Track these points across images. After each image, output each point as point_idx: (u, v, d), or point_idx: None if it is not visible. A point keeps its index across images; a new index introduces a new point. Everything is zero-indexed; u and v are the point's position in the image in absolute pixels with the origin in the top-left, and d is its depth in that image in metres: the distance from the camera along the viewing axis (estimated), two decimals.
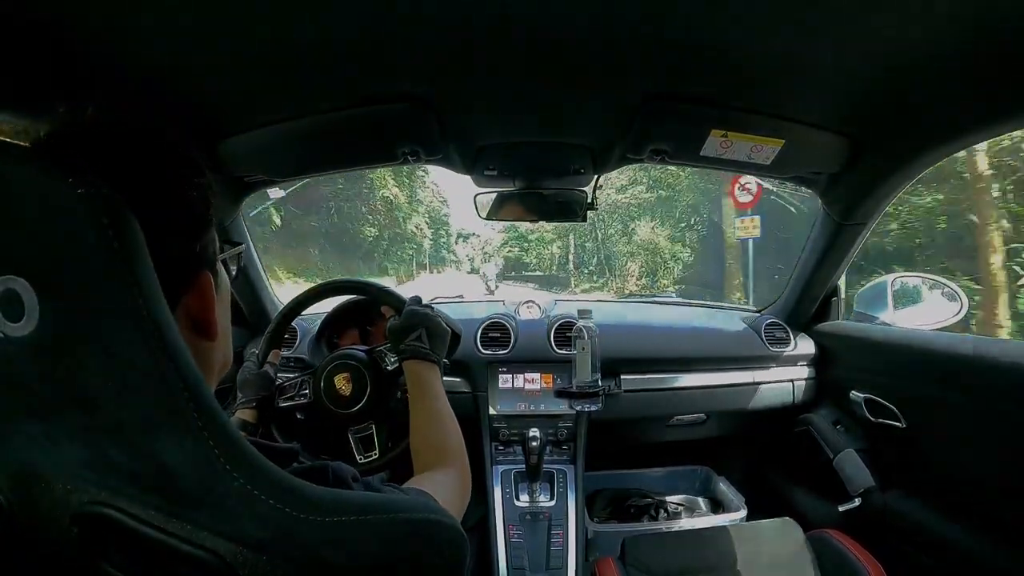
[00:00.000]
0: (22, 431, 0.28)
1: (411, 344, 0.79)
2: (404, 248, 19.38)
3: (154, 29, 0.62)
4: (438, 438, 0.68)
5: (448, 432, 0.69)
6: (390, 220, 17.12)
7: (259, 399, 0.89)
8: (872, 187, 1.01)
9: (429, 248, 22.40)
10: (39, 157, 0.30)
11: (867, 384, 1.16)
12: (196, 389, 0.28)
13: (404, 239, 18.97)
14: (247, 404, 0.88)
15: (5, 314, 0.25)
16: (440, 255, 27.46)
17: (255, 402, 0.89)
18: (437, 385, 0.76)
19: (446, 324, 0.84)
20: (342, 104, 0.85)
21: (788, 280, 1.41)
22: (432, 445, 0.67)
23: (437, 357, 0.79)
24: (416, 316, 0.82)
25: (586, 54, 0.71)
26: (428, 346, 0.79)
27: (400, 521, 0.36)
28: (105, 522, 0.29)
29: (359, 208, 15.82)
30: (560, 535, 1.14)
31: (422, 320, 0.81)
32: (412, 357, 0.78)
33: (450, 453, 0.65)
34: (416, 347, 0.78)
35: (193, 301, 0.38)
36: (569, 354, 1.20)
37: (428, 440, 0.68)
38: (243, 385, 0.91)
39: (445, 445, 0.67)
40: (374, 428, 0.92)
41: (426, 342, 0.79)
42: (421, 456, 0.67)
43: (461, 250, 30.67)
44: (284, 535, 0.30)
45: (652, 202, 11.98)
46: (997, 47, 0.63)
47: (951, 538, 0.96)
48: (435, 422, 0.70)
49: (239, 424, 0.85)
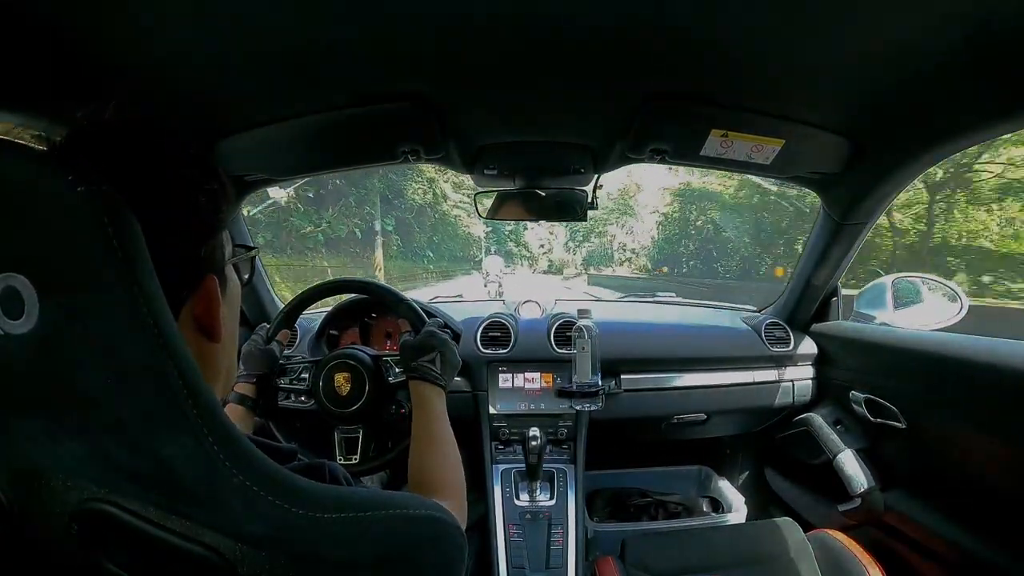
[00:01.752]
0: (22, 429, 0.28)
1: (424, 365, 0.78)
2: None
3: (154, 28, 0.62)
4: (438, 468, 0.67)
5: (448, 461, 0.68)
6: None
7: (260, 375, 0.89)
8: (872, 187, 1.01)
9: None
10: (40, 155, 0.30)
11: (867, 384, 1.16)
12: (195, 387, 0.28)
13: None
14: (247, 379, 0.87)
15: (5, 311, 0.25)
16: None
17: (256, 378, 0.88)
18: (442, 411, 0.75)
19: (452, 335, 0.84)
20: (342, 103, 0.85)
21: (788, 280, 1.41)
22: (430, 474, 0.66)
23: (446, 383, 0.79)
24: (435, 339, 0.81)
25: (586, 53, 0.71)
26: (440, 371, 0.78)
27: (399, 518, 0.36)
28: (105, 519, 0.29)
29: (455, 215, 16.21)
30: (560, 535, 1.14)
31: (440, 345, 0.81)
32: (422, 379, 0.77)
33: (447, 486, 0.64)
34: (429, 370, 0.78)
35: (198, 304, 0.38)
36: (569, 353, 1.20)
37: (427, 467, 0.67)
38: (246, 358, 0.90)
39: (443, 477, 0.66)
40: (361, 433, 0.92)
41: (438, 367, 0.79)
42: (416, 480, 0.66)
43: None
44: (283, 532, 0.30)
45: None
46: (997, 47, 0.63)
47: (951, 538, 0.96)
48: (437, 449, 0.70)
49: (237, 398, 0.84)
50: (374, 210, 11.37)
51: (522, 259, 20.15)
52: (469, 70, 0.76)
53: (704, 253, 14.13)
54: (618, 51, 0.70)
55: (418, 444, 0.70)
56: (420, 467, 0.67)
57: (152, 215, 0.29)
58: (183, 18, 0.60)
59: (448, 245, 17.32)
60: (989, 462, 0.91)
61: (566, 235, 18.81)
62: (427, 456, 0.69)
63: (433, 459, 0.68)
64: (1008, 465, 0.87)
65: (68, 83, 0.70)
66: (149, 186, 0.34)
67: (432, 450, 0.69)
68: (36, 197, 0.26)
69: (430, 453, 0.69)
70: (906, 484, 1.11)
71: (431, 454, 0.69)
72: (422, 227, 14.96)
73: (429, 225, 15.69)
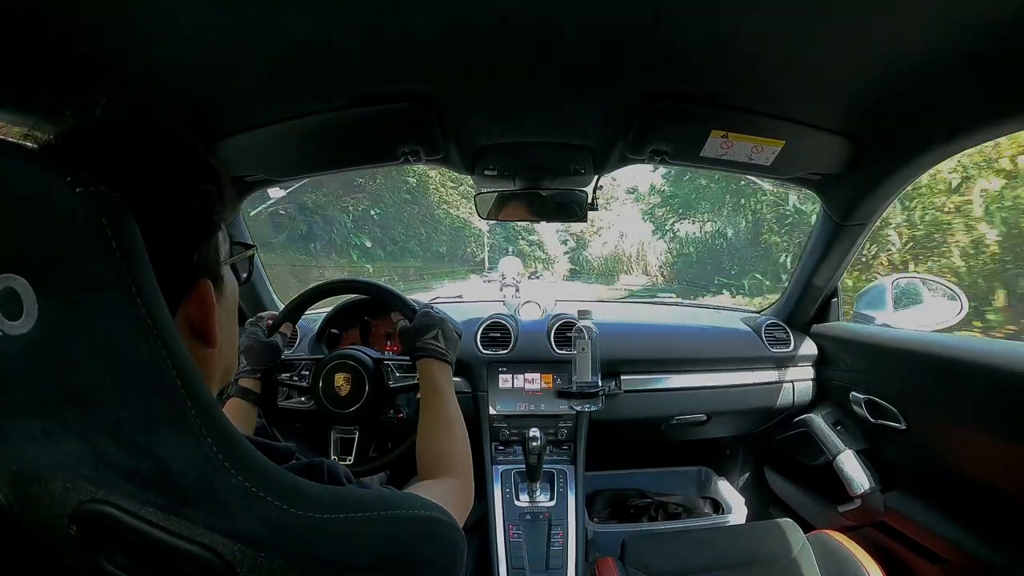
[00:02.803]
0: (20, 429, 0.28)
1: (428, 343, 0.79)
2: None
3: (154, 28, 0.62)
4: (446, 443, 0.68)
5: (456, 438, 0.68)
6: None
7: (264, 370, 0.88)
8: (872, 187, 1.01)
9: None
10: (37, 155, 0.30)
11: (867, 385, 1.16)
12: (194, 387, 0.28)
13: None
14: (251, 374, 0.86)
15: (4, 312, 0.25)
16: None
17: (259, 372, 0.87)
18: (450, 388, 0.76)
19: (454, 329, 0.85)
20: (342, 104, 0.85)
21: (788, 281, 1.41)
22: (439, 449, 0.67)
23: (451, 359, 0.80)
24: (431, 317, 0.82)
25: (586, 54, 0.71)
26: (444, 346, 0.79)
27: (398, 518, 0.36)
28: (104, 520, 0.29)
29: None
30: (560, 535, 1.14)
31: (438, 323, 0.81)
32: (428, 356, 0.78)
33: (456, 461, 0.65)
34: (434, 346, 0.78)
35: (193, 308, 0.37)
36: (569, 354, 1.20)
37: (436, 443, 0.68)
38: (248, 351, 0.88)
39: (452, 452, 0.66)
40: (357, 435, 0.92)
41: (442, 342, 0.79)
42: (425, 459, 0.66)
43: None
44: (282, 532, 0.30)
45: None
46: (997, 47, 0.63)
47: (951, 539, 0.96)
48: (445, 425, 0.70)
49: (240, 392, 0.83)
50: (354, 236, 10.97)
51: (535, 261, 19.40)
52: (469, 71, 0.76)
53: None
54: (618, 52, 0.70)
55: (427, 420, 0.71)
56: (428, 442, 0.68)
57: (143, 216, 0.28)
58: (183, 18, 0.60)
59: (438, 240, 16.13)
60: (989, 462, 0.91)
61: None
62: (436, 432, 0.69)
63: (443, 435, 0.69)
64: (1008, 465, 0.87)
65: (68, 83, 0.70)
66: (139, 187, 0.33)
67: (441, 425, 0.70)
68: (35, 198, 0.26)
69: (439, 429, 0.69)
70: (906, 485, 1.10)
71: (440, 430, 0.69)
72: (406, 226, 13.77)
73: (410, 217, 14.14)
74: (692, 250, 11.14)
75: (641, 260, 14.27)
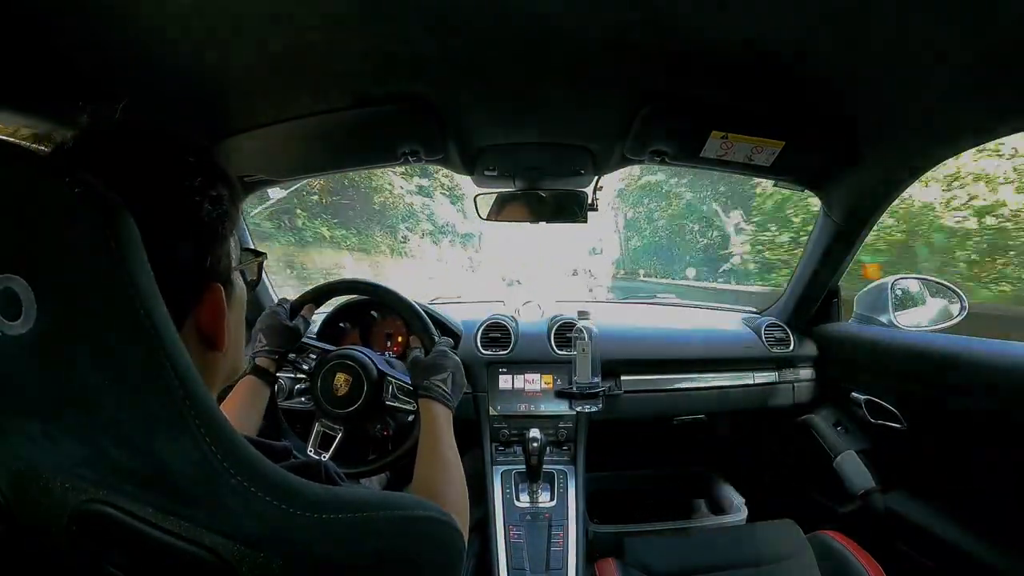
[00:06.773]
0: (20, 430, 0.28)
1: (436, 384, 0.78)
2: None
3: (155, 31, 0.62)
4: (441, 484, 0.67)
5: (451, 481, 0.68)
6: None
7: (282, 352, 0.87)
8: (872, 188, 1.01)
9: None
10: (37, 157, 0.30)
11: (867, 385, 1.16)
12: (193, 388, 0.28)
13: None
14: (269, 354, 0.85)
15: (3, 313, 0.25)
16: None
17: (278, 354, 0.86)
18: (450, 431, 0.75)
19: (453, 336, 0.84)
20: (343, 104, 0.86)
21: (788, 281, 1.41)
22: (434, 491, 0.66)
23: (454, 405, 0.79)
24: (448, 359, 0.82)
25: (586, 55, 0.71)
26: (450, 392, 0.79)
27: (397, 518, 0.36)
28: (104, 520, 0.29)
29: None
30: (560, 536, 1.14)
31: (452, 367, 0.81)
32: (432, 398, 0.77)
33: (447, 503, 0.63)
34: (441, 390, 0.78)
35: (203, 313, 0.37)
36: (569, 355, 1.20)
37: (431, 484, 0.67)
38: (270, 332, 0.86)
39: (445, 493, 0.65)
40: (340, 435, 0.91)
41: (449, 387, 0.79)
42: (419, 496, 0.65)
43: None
44: (281, 532, 0.30)
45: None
46: (997, 48, 0.63)
47: (951, 539, 0.95)
48: (442, 467, 0.69)
49: (256, 371, 0.82)
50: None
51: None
52: (469, 72, 0.76)
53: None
54: (618, 53, 0.70)
55: (423, 462, 0.70)
56: (425, 486, 0.67)
57: (155, 222, 0.29)
58: (185, 20, 0.61)
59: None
60: (989, 462, 0.91)
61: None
62: (433, 472, 0.68)
63: (439, 476, 0.68)
64: (1008, 465, 0.87)
65: (70, 84, 0.70)
66: (153, 192, 0.33)
67: (438, 468, 0.69)
68: (34, 199, 0.26)
69: (437, 469, 0.69)
70: (906, 485, 1.10)
71: (436, 473, 0.68)
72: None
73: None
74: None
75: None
